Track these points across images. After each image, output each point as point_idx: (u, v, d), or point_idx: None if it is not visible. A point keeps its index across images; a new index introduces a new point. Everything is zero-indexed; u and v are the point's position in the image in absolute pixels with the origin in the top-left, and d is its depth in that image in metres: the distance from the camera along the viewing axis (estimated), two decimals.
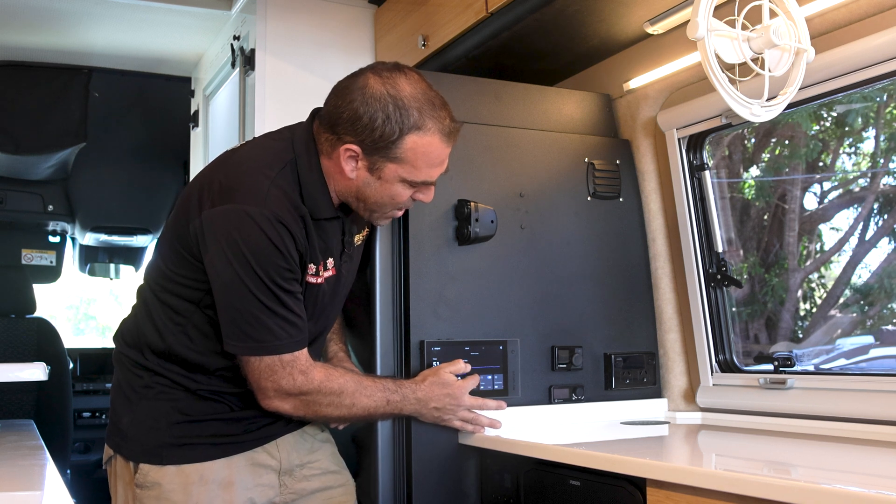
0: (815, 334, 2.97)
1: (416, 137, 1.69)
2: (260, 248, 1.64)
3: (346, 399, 1.79)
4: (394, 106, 1.67)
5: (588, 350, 2.36)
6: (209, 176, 1.76)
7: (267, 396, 1.74)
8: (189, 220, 1.71)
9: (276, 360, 1.70)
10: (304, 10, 3.00)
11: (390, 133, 1.67)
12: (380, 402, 1.84)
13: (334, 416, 1.83)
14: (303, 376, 1.73)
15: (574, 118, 2.49)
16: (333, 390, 1.78)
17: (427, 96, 1.72)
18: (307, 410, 1.78)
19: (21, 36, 3.46)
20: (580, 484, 1.83)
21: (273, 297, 1.67)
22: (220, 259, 1.66)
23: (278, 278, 1.67)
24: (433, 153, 1.72)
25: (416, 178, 1.74)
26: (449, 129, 1.74)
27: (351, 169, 1.73)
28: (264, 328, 1.67)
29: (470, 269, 2.21)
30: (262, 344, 1.68)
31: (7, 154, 4.02)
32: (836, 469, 1.69)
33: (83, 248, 5.46)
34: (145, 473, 1.75)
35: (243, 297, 1.66)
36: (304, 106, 1.82)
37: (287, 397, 1.74)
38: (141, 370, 1.80)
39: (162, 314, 1.78)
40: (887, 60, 1.88)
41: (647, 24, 2.31)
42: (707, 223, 2.44)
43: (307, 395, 1.75)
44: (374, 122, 1.67)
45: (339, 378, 1.80)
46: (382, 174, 1.72)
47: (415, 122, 1.68)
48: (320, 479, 1.94)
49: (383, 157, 1.70)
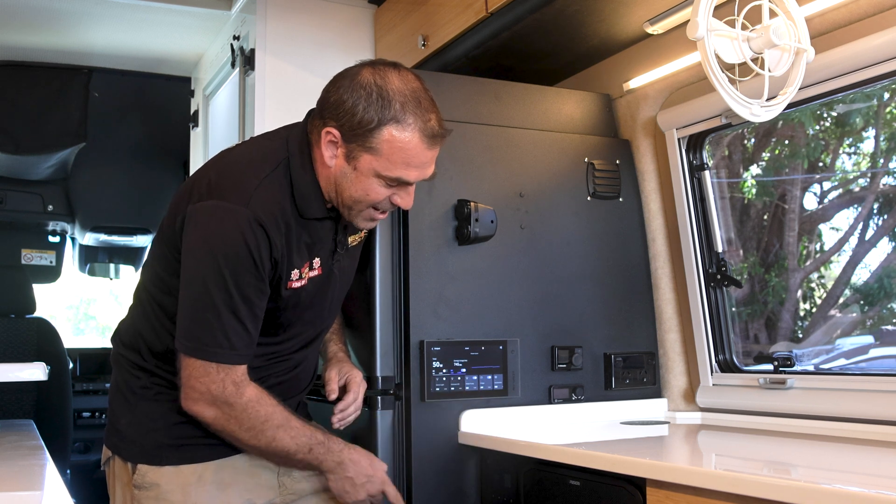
0: (815, 334, 2.97)
1: (393, 130, 1.66)
2: (234, 249, 1.62)
3: (268, 430, 1.71)
4: (377, 95, 1.66)
5: (588, 350, 2.36)
6: (201, 174, 1.75)
7: (191, 398, 1.68)
8: (178, 217, 1.71)
9: (212, 366, 1.66)
10: (304, 10, 3.00)
11: (368, 121, 1.66)
12: (302, 447, 1.75)
13: (249, 445, 1.73)
14: (234, 387, 1.67)
15: (574, 118, 2.49)
16: (259, 415, 1.70)
17: (415, 94, 1.69)
18: (225, 426, 1.70)
19: (21, 36, 3.46)
20: (580, 484, 1.83)
21: (229, 303, 1.63)
22: (192, 253, 1.65)
23: (242, 284, 1.64)
24: (410, 151, 1.68)
25: (390, 173, 1.69)
26: (432, 130, 1.69)
27: (330, 155, 1.71)
28: (209, 331, 1.64)
29: (470, 269, 2.21)
30: (203, 347, 1.64)
31: (7, 154, 4.02)
32: (836, 469, 1.69)
33: (83, 248, 5.46)
34: (143, 474, 1.75)
35: (200, 296, 1.63)
36: (304, 106, 1.82)
37: (211, 405, 1.68)
38: (139, 371, 1.80)
39: (159, 315, 1.78)
40: (887, 60, 1.88)
41: (647, 24, 2.31)
42: (707, 223, 2.44)
43: (231, 410, 1.69)
44: (355, 107, 1.66)
45: (268, 406, 1.72)
46: (358, 165, 1.69)
47: (395, 114, 1.66)
48: (319, 479, 1.93)
49: (360, 145, 1.68)
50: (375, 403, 2.11)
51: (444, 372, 2.13)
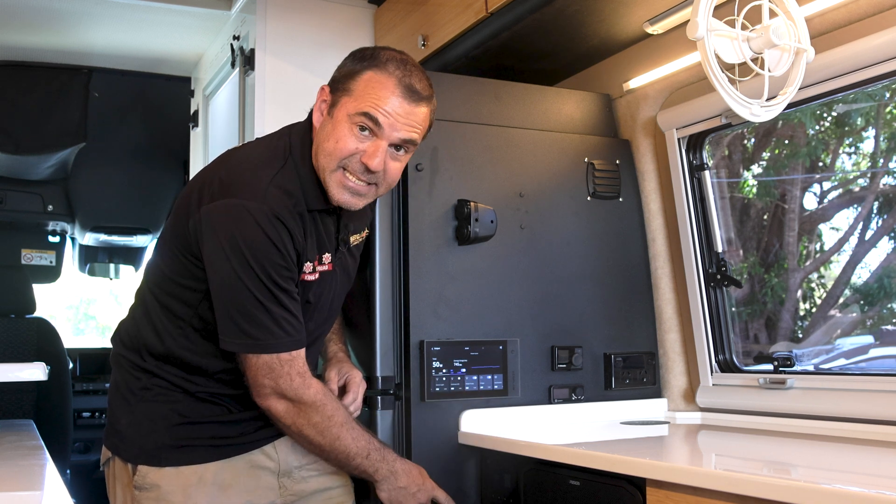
0: (815, 334, 2.97)
1: (372, 73, 1.69)
2: (257, 244, 1.63)
3: (333, 427, 1.75)
4: (369, 54, 1.72)
5: (588, 350, 2.36)
6: (209, 174, 1.76)
7: (262, 394, 1.72)
8: (189, 217, 1.71)
9: (275, 359, 1.69)
10: (303, 10, 3.00)
11: (352, 70, 1.71)
12: (362, 450, 1.79)
13: (314, 442, 1.77)
14: (300, 378, 1.71)
15: (574, 118, 2.49)
16: (326, 410, 1.74)
17: (403, 58, 1.72)
18: (296, 419, 1.74)
19: (21, 36, 3.46)
20: (580, 484, 1.83)
21: (270, 295, 1.66)
22: (218, 254, 1.65)
23: (275, 275, 1.66)
24: (383, 91, 1.68)
25: (359, 108, 1.68)
26: (409, 84, 1.69)
27: (319, 115, 1.75)
28: (261, 326, 1.66)
29: (470, 269, 2.21)
30: (259, 342, 1.67)
31: (7, 154, 4.02)
32: (836, 469, 1.69)
33: (83, 248, 5.46)
34: (144, 475, 1.75)
35: (240, 294, 1.65)
36: (304, 106, 1.82)
37: (281, 398, 1.72)
38: (139, 372, 1.80)
39: (161, 316, 1.78)
40: (887, 60, 1.88)
41: (647, 24, 2.31)
42: (707, 223, 2.44)
43: (301, 405, 1.72)
44: (345, 63, 1.74)
45: (333, 402, 1.77)
46: (335, 112, 1.72)
47: (377, 63, 1.70)
48: (318, 479, 1.93)
49: (342, 92, 1.72)
50: (375, 403, 2.11)
51: (444, 372, 2.13)
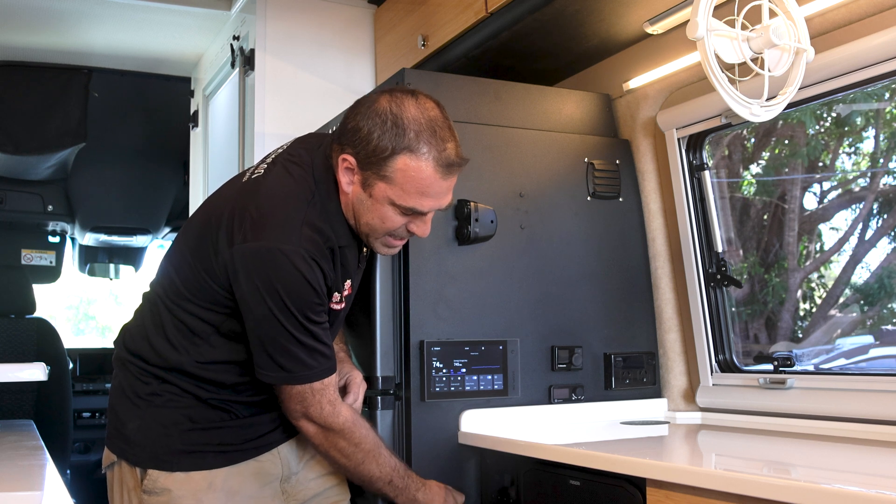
0: (815, 334, 2.97)
1: (406, 159, 1.67)
2: (294, 287, 1.66)
3: (359, 454, 1.81)
4: (392, 123, 1.67)
5: (588, 350, 2.36)
6: (238, 204, 1.73)
7: (294, 417, 1.78)
8: (217, 250, 1.71)
9: (307, 389, 1.74)
10: (303, 10, 3.00)
11: (383, 149, 1.67)
12: (385, 476, 1.84)
13: (340, 464, 1.83)
14: (330, 406, 1.76)
15: (574, 118, 2.49)
16: (354, 439, 1.80)
17: (431, 123, 1.69)
18: (323, 443, 1.80)
19: (21, 36, 3.46)
20: (580, 484, 1.83)
21: (305, 331, 1.70)
22: (254, 296, 1.67)
23: (310, 313, 1.70)
24: (423, 180, 1.69)
25: (405, 203, 1.71)
26: (447, 160, 1.69)
27: (347, 182, 1.74)
28: (296, 359, 1.71)
29: (470, 269, 2.21)
30: (294, 374, 1.72)
31: (7, 154, 4.02)
32: (836, 469, 1.69)
33: (83, 248, 5.47)
34: (154, 479, 1.74)
35: (276, 331, 1.68)
36: (304, 106, 1.83)
37: (311, 423, 1.78)
38: (148, 377, 1.79)
39: (175, 331, 1.78)
40: (887, 60, 1.88)
41: (647, 24, 2.31)
42: (707, 223, 2.44)
43: (329, 432, 1.78)
44: (370, 134, 1.68)
45: (362, 429, 1.82)
46: (373, 192, 1.72)
47: (409, 143, 1.66)
48: (317, 481, 1.94)
49: (375, 173, 1.70)
50: (375, 403, 2.11)
51: (444, 372, 2.13)
